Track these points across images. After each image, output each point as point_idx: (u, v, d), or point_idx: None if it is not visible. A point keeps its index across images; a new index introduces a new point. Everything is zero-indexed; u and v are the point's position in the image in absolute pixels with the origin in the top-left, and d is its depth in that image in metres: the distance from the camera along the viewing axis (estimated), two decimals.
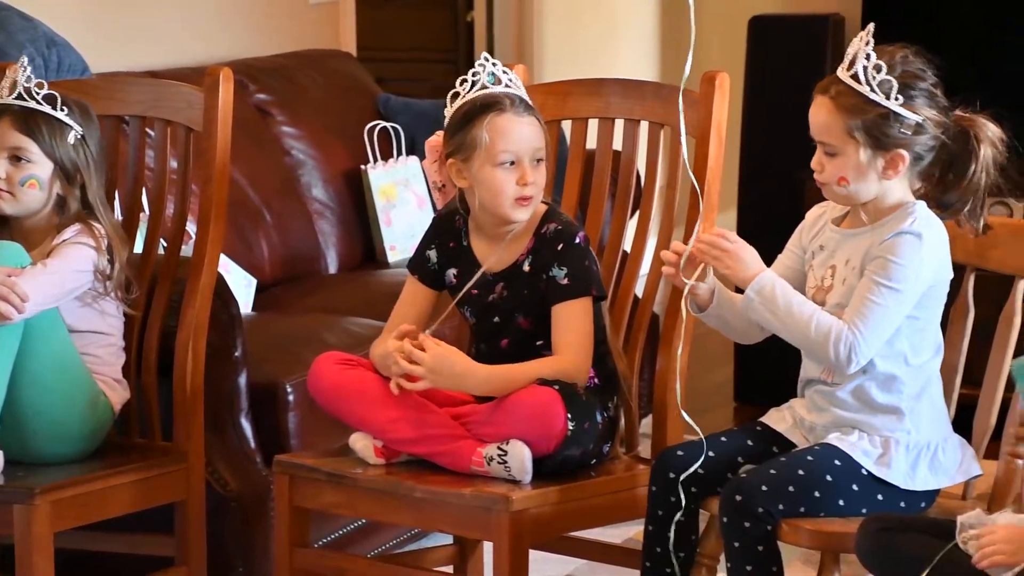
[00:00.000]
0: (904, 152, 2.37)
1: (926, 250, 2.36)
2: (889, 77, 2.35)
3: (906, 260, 2.35)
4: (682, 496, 2.43)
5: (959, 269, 2.47)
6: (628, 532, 3.21)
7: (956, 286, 2.49)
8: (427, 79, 5.75)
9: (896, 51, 2.38)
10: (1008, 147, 2.40)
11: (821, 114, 2.39)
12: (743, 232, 4.36)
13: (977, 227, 2.41)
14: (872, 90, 2.35)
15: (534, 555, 2.60)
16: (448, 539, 2.96)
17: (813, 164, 2.42)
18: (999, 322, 2.46)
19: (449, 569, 2.91)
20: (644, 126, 2.80)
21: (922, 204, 2.40)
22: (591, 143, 2.87)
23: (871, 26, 2.39)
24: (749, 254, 2.41)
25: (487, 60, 2.63)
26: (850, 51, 2.39)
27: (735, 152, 4.17)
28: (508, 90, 2.62)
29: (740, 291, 2.44)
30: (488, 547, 2.58)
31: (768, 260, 2.48)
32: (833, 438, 2.40)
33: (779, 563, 2.36)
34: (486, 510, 2.51)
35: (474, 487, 2.53)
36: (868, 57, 2.35)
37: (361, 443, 2.66)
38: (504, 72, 2.63)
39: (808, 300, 2.41)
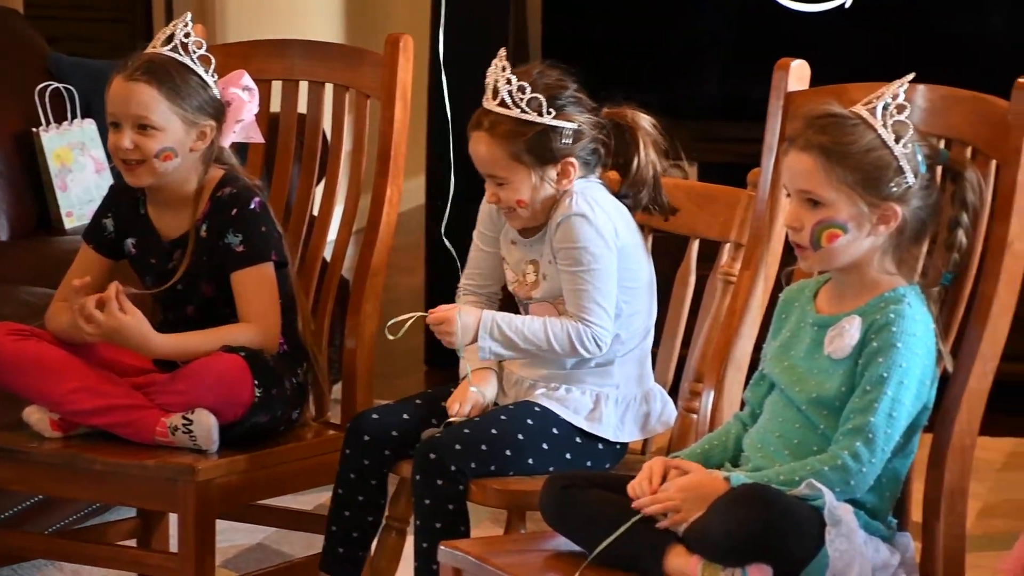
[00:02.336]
0: (572, 159, 2.41)
1: (596, 223, 2.39)
2: (536, 94, 2.38)
3: (585, 240, 2.39)
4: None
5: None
6: (319, 499, 3.19)
7: None
8: (103, 38, 5.54)
9: (532, 68, 2.42)
10: (666, 128, 2.46)
11: (481, 149, 2.41)
12: (432, 197, 4.40)
13: (664, 213, 2.48)
14: (523, 111, 2.38)
15: (222, 524, 2.57)
16: (132, 511, 2.88)
17: (488, 199, 2.44)
18: (675, 280, 2.54)
19: (133, 542, 2.84)
20: (329, 88, 2.77)
21: (579, 182, 2.43)
22: (275, 106, 2.83)
23: (503, 51, 2.41)
24: (459, 318, 2.37)
25: (187, 24, 2.57)
26: (489, 80, 2.41)
27: (422, 117, 4.18)
28: (159, 52, 2.55)
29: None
30: (174, 518, 2.53)
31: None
32: (540, 394, 2.43)
33: (467, 522, 2.38)
34: (170, 481, 2.46)
35: (158, 458, 2.48)
36: (509, 81, 2.38)
37: (36, 416, 2.57)
38: (186, 38, 2.56)
39: (531, 317, 2.41)
